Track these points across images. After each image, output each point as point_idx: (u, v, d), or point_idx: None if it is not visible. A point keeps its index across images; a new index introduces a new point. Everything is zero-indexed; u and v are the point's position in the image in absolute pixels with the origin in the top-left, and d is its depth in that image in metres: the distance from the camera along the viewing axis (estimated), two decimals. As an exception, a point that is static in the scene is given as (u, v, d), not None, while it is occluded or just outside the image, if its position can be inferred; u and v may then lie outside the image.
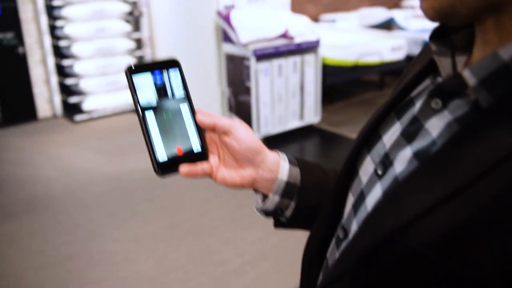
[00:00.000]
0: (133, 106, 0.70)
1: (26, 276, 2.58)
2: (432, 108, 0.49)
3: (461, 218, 0.39)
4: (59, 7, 4.87)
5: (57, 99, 5.21)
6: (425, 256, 0.41)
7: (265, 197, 0.73)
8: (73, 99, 5.14)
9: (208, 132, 0.71)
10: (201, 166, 0.69)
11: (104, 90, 5.24)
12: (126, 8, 5.20)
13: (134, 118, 0.69)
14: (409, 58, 5.96)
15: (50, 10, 4.94)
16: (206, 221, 3.08)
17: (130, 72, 0.67)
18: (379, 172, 0.53)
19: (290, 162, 0.73)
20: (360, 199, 0.55)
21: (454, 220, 0.39)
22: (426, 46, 0.60)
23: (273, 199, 0.71)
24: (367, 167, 0.56)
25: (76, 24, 4.92)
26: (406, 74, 0.63)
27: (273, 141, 4.34)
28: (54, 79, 5.14)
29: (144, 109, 0.67)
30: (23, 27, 4.87)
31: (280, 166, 0.71)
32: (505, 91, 0.41)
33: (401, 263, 0.43)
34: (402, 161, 0.50)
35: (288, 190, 0.71)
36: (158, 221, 3.07)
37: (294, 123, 4.49)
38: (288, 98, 4.36)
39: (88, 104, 5.14)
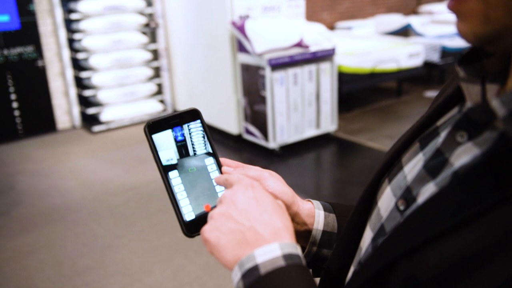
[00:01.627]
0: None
1: (44, 287, 2.61)
2: (457, 141, 0.45)
3: (464, 249, 0.38)
4: (77, 21, 4.95)
5: (76, 110, 5.28)
6: (426, 283, 0.40)
7: (302, 247, 0.69)
8: (91, 110, 5.21)
9: None
10: None
11: (122, 101, 5.30)
12: (143, 20, 5.27)
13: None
14: (426, 64, 5.89)
15: (69, 23, 5.03)
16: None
17: (150, 130, 0.63)
18: (401, 208, 0.49)
19: (325, 209, 0.69)
20: (380, 234, 0.52)
21: (458, 249, 0.38)
22: None
23: (311, 251, 0.67)
24: (387, 200, 0.53)
25: (93, 37, 5.00)
26: (438, 97, 0.58)
27: (289, 150, 4.32)
28: (73, 91, 5.21)
29: (167, 168, 0.64)
30: (43, 41, 4.97)
31: (314, 216, 0.67)
32: None
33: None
34: (425, 196, 0.47)
35: (326, 239, 0.67)
36: (174, 232, 3.07)
37: (310, 132, 4.47)
38: (304, 107, 4.35)
39: (106, 115, 5.20)
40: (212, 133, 4.82)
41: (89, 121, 5.27)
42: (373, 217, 0.55)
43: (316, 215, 0.68)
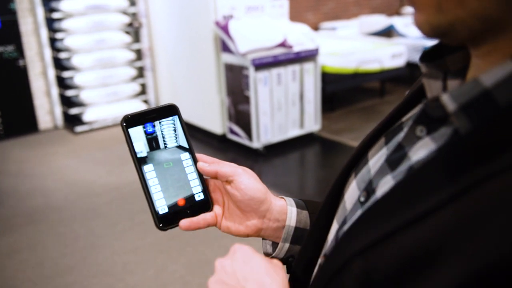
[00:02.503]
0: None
1: (24, 289, 2.58)
2: (417, 135, 0.46)
3: (416, 246, 0.38)
4: (59, 20, 4.90)
5: (58, 110, 5.23)
6: (378, 282, 0.40)
7: (275, 243, 0.70)
8: (73, 111, 5.16)
9: (212, 179, 0.69)
10: (203, 218, 0.67)
11: (105, 101, 5.26)
12: (126, 19, 5.23)
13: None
14: (409, 65, 5.96)
15: (50, 22, 4.97)
16: (205, 231, 3.05)
17: (126, 123, 0.65)
18: (362, 199, 0.51)
19: (298, 205, 0.70)
20: (342, 226, 0.53)
21: (410, 247, 0.38)
22: None
23: (283, 247, 0.68)
24: (352, 193, 0.54)
25: (76, 36, 4.95)
26: (406, 95, 0.59)
27: (273, 150, 4.33)
28: (55, 91, 5.16)
29: (141, 160, 0.65)
30: (24, 40, 4.91)
31: (287, 213, 0.68)
32: (485, 118, 0.38)
33: (357, 287, 0.42)
34: (383, 189, 0.48)
35: (298, 235, 0.68)
36: (157, 232, 3.05)
37: (294, 132, 4.48)
38: (288, 107, 4.36)
39: (88, 115, 5.15)
40: (196, 133, 4.82)
41: (72, 121, 5.22)
42: (339, 210, 0.56)
43: (289, 211, 0.69)
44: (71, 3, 4.85)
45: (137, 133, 0.66)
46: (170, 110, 0.68)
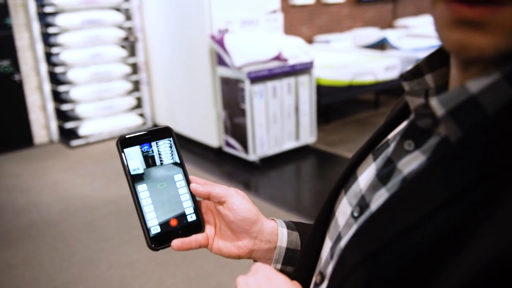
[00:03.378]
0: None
1: (20, 304, 2.55)
2: (405, 149, 0.48)
3: (415, 251, 0.39)
4: (55, 35, 4.92)
5: (54, 125, 5.22)
6: None
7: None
8: (69, 125, 5.15)
9: (204, 200, 0.70)
10: (195, 239, 0.67)
11: (101, 114, 5.26)
12: (122, 33, 5.26)
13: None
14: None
15: (46, 37, 4.99)
16: (203, 244, 3.05)
17: (121, 144, 0.66)
18: (355, 214, 0.52)
19: (288, 227, 0.71)
20: (337, 242, 0.54)
21: (409, 253, 0.39)
22: None
23: (275, 268, 0.69)
24: (344, 209, 0.55)
25: (72, 51, 4.97)
26: (390, 113, 0.60)
27: (269, 162, 4.34)
28: (51, 105, 5.16)
29: (135, 180, 0.66)
30: (19, 55, 4.92)
31: (278, 234, 0.69)
32: (473, 124, 0.40)
33: None
34: (378, 202, 0.49)
35: (289, 256, 0.69)
36: (154, 246, 3.04)
37: (290, 144, 4.50)
38: (283, 119, 4.38)
39: (84, 129, 5.15)
40: (192, 146, 4.83)
41: (67, 135, 5.21)
42: (331, 227, 0.57)
43: (280, 232, 0.70)
44: (67, 18, 4.87)
45: (133, 153, 0.67)
46: (165, 132, 0.70)
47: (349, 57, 5.88)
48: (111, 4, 5.20)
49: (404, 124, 0.53)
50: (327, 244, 0.57)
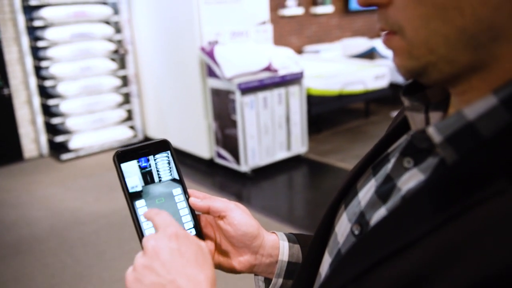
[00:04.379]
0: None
1: (11, 322, 2.51)
2: (405, 167, 0.48)
3: (407, 271, 0.39)
4: (44, 48, 4.90)
5: (43, 138, 5.18)
6: None
7: (267, 279, 0.69)
8: (59, 138, 5.12)
9: (204, 214, 0.68)
10: None
11: (91, 128, 5.23)
12: (111, 46, 5.26)
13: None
14: (392, 86, 6.06)
15: (35, 51, 4.97)
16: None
17: (118, 159, 0.65)
18: (356, 232, 0.52)
19: (289, 240, 0.70)
20: (337, 259, 0.53)
21: (402, 272, 0.39)
22: None
23: (277, 283, 0.68)
24: (343, 226, 0.55)
25: (61, 64, 4.95)
26: (391, 125, 0.60)
27: (261, 173, 4.34)
28: (40, 119, 5.13)
29: (133, 197, 0.64)
30: (8, 69, 4.89)
31: (279, 248, 0.68)
32: (469, 149, 0.40)
33: None
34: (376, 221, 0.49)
35: (291, 270, 0.68)
36: (146, 260, 3.02)
37: (281, 154, 4.50)
38: (274, 130, 4.39)
39: (74, 142, 5.12)
40: (184, 158, 4.81)
41: (57, 149, 5.17)
42: (331, 243, 0.57)
43: (281, 246, 0.68)
44: (56, 32, 4.86)
45: (131, 169, 0.65)
46: (163, 146, 0.69)
47: (338, 67, 5.92)
48: (101, 17, 5.20)
49: (404, 137, 0.53)
50: (327, 260, 0.56)
